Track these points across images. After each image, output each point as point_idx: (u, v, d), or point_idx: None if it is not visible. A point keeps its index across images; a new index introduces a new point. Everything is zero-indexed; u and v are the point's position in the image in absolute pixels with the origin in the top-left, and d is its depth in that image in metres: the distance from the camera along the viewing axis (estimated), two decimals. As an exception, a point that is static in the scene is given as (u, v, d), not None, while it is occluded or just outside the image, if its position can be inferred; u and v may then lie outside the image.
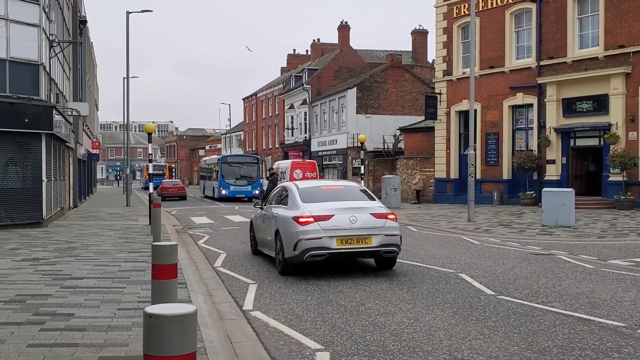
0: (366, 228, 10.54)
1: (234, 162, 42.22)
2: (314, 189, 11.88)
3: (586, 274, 10.63)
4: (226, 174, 40.84)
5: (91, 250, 13.28)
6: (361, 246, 10.50)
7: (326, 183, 12.99)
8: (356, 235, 10.45)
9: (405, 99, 47.62)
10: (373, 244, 10.53)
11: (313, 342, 6.46)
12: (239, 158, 44.62)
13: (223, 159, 42.38)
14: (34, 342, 6.05)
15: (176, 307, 2.95)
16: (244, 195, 40.49)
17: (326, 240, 10.33)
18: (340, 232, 10.38)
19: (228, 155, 48.36)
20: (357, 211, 10.67)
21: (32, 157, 18.79)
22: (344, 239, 10.39)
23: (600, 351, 6.07)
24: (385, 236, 10.66)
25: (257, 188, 40.44)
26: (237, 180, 40.55)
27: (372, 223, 10.62)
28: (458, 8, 33.02)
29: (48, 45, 20.64)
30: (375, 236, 10.56)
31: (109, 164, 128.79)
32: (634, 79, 25.11)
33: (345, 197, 11.46)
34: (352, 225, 10.46)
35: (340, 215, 10.51)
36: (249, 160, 43.24)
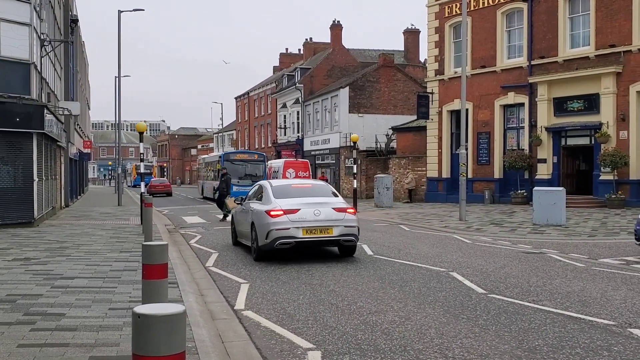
0: (328, 220, 12.11)
1: (238, 160, 38.85)
2: (285, 187, 13.62)
3: (577, 272, 10.69)
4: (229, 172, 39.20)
5: (82, 250, 13.23)
6: (324, 236, 12.11)
7: (296, 182, 15.22)
8: (319, 226, 12.04)
9: (398, 99, 47.68)
10: (334, 234, 12.12)
11: (305, 342, 6.46)
12: (243, 155, 40.85)
13: (225, 156, 39.09)
14: (25, 342, 6.03)
15: (165, 307, 2.95)
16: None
17: (293, 230, 11.95)
18: (305, 223, 11.98)
19: (231, 152, 44.20)
20: (320, 206, 12.29)
21: (23, 156, 18.70)
22: (308, 230, 11.99)
23: (590, 349, 6.10)
24: (345, 227, 12.22)
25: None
26: (241, 180, 36.69)
27: (334, 216, 12.20)
28: (450, 7, 33.10)
29: (39, 44, 20.55)
30: (336, 227, 12.13)
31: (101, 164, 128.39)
32: (624, 78, 25.25)
33: (312, 193, 13.07)
34: (316, 218, 12.07)
35: (305, 209, 12.12)
36: (253, 157, 39.96)
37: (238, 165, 38.10)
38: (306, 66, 58.31)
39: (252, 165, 38.67)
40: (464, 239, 16.21)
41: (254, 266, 11.75)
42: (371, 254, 13.21)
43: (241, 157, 39.60)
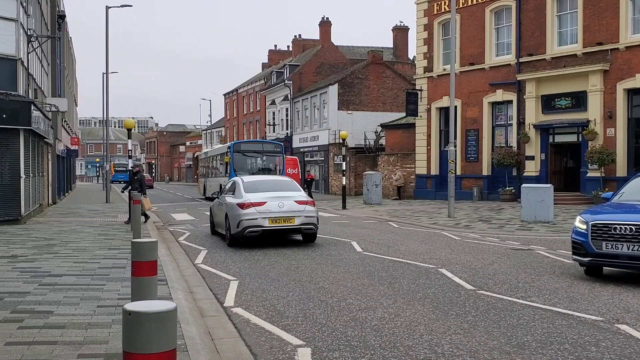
0: (291, 211, 13.98)
1: (250, 151, 33.16)
2: (255, 182, 15.49)
3: (565, 268, 10.76)
4: (239, 167, 31.66)
5: (70, 247, 13.16)
6: (287, 225, 14.00)
7: (265, 178, 17.94)
8: (283, 217, 13.91)
9: (387, 96, 47.74)
10: (296, 223, 14.01)
11: (294, 338, 6.46)
12: (256, 145, 35.10)
13: (235, 147, 33.01)
14: (12, 340, 5.99)
15: (156, 304, 2.94)
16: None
17: (260, 220, 13.81)
18: (271, 214, 13.85)
19: (242, 142, 38.26)
20: (284, 199, 14.14)
21: (9, 153, 18.54)
22: (273, 219, 13.86)
23: (578, 345, 6.15)
24: (305, 217, 14.10)
25: None
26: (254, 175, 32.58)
27: (295, 208, 14.06)
28: (438, 5, 33.15)
29: (26, 40, 20.37)
30: (297, 217, 14.00)
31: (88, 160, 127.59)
32: (611, 75, 25.41)
33: (277, 188, 14.98)
34: (280, 210, 13.95)
35: (271, 202, 13.99)
36: (269, 147, 33.97)
37: (250, 158, 32.78)
38: (295, 63, 58.23)
39: (268, 158, 33.20)
40: (453, 235, 16.27)
41: (243, 263, 11.73)
42: (360, 251, 13.23)
43: (254, 148, 33.78)
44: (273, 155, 33.19)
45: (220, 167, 35.23)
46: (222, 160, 34.34)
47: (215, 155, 38.65)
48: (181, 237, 16.57)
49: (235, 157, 31.90)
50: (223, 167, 34.07)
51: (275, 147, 33.96)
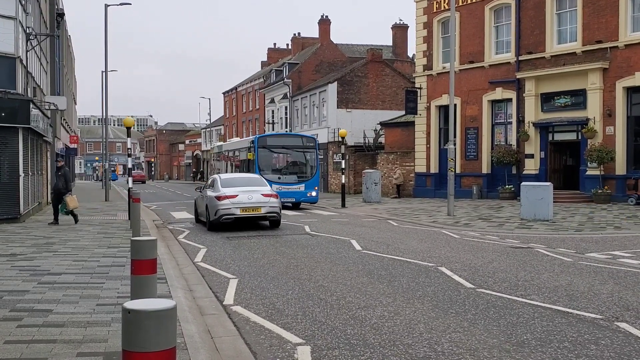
0: (258, 202, 17.21)
1: (278, 146, 28.26)
2: (230, 179, 19.07)
3: (564, 267, 10.75)
4: (265, 165, 27.17)
5: (69, 246, 13.14)
6: (255, 213, 17.22)
7: (238, 175, 21.77)
8: (251, 207, 17.15)
9: (386, 94, 47.72)
10: (262, 212, 17.25)
11: (294, 336, 6.46)
12: (285, 139, 30.19)
13: (261, 141, 27.79)
14: (12, 338, 5.98)
15: (155, 302, 2.93)
16: (294, 198, 26.40)
17: (233, 209, 17.01)
18: (242, 205, 17.08)
19: (268, 135, 32.60)
20: (253, 192, 17.41)
21: (8, 151, 18.52)
22: (244, 209, 17.10)
23: (578, 343, 6.14)
24: (270, 207, 17.32)
25: (313, 187, 27.00)
26: (283, 175, 27.08)
27: (262, 199, 17.32)
28: (438, 3, 33.12)
29: (25, 38, 20.34)
30: (263, 207, 17.23)
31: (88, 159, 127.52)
32: (610, 74, 25.41)
33: (248, 184, 18.27)
34: (249, 201, 17.18)
35: (242, 195, 17.22)
36: (300, 142, 28.82)
37: (277, 154, 28.33)
38: (294, 61, 58.20)
39: (298, 154, 28.44)
40: (452, 234, 16.27)
41: (243, 262, 11.73)
42: (360, 249, 13.22)
43: (282, 143, 28.85)
44: (304, 151, 28.27)
45: (241, 165, 30.41)
46: (243, 156, 29.59)
47: (232, 150, 33.40)
48: (180, 235, 16.56)
49: (261, 154, 27.01)
50: (244, 165, 29.41)
51: (307, 141, 28.61)
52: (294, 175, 27.29)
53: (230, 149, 33.89)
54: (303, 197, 26.53)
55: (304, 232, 16.89)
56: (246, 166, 28.76)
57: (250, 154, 27.41)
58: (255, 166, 26.73)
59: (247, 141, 29.77)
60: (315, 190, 26.85)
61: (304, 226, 18.44)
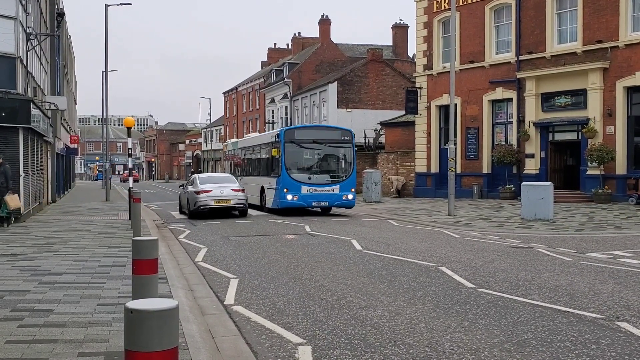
0: (228, 196, 21.57)
1: (308, 141, 23.84)
2: (207, 177, 24.18)
3: (565, 266, 10.75)
4: (293, 163, 23.32)
5: (70, 246, 13.15)
6: (225, 204, 21.48)
7: (213, 175, 27.19)
8: (223, 199, 21.44)
9: (386, 94, 47.72)
10: (231, 203, 21.59)
11: (295, 336, 6.46)
12: (317, 132, 25.57)
13: (288, 135, 23.51)
14: (13, 338, 5.98)
15: (158, 302, 2.93)
16: (327, 202, 22.90)
17: (208, 201, 21.29)
18: (215, 197, 21.36)
19: (297, 128, 28.37)
20: (224, 188, 21.83)
21: (9, 151, 18.53)
22: (217, 201, 21.34)
23: (578, 342, 6.14)
24: (238, 199, 21.67)
25: (350, 189, 23.06)
26: (315, 176, 23.18)
27: (232, 193, 21.69)
28: (438, 3, 33.12)
29: (25, 38, 20.35)
30: (232, 199, 21.59)
31: (88, 159, 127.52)
32: (611, 74, 25.40)
33: (221, 181, 22.91)
34: (221, 195, 21.48)
35: (216, 189, 21.57)
36: (335, 135, 24.48)
37: (308, 149, 23.81)
38: (294, 61, 58.20)
39: (332, 150, 24.18)
40: (453, 233, 16.26)
41: (243, 261, 11.73)
42: (360, 249, 13.22)
43: (314, 136, 24.24)
44: (340, 146, 23.95)
45: (263, 163, 26.38)
46: (265, 153, 25.85)
47: (251, 147, 29.16)
48: (181, 235, 16.56)
49: (288, 150, 23.06)
50: (266, 163, 25.40)
51: (343, 134, 24.20)
52: (326, 174, 23.42)
53: (248, 146, 29.80)
54: (338, 201, 22.86)
55: (304, 232, 16.89)
56: (269, 165, 24.91)
57: (275, 150, 23.56)
58: (282, 165, 22.86)
59: (270, 135, 25.84)
60: (352, 192, 23.02)
61: (304, 226, 18.45)
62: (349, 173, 23.42)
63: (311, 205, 22.96)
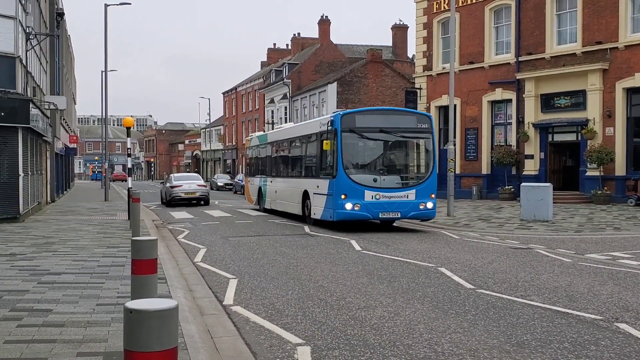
0: (194, 189, 29.67)
1: (374, 129, 17.77)
2: (179, 176, 33.14)
3: (564, 267, 10.75)
4: (351, 160, 17.82)
5: (69, 246, 13.14)
6: (192, 196, 29.42)
7: (184, 174, 36.27)
8: (190, 192, 29.52)
9: (386, 94, 47.74)
10: (197, 195, 29.49)
11: (294, 337, 6.46)
12: (384, 118, 18.42)
13: (346, 121, 17.56)
14: (11, 338, 5.97)
15: (157, 302, 2.93)
16: (399, 212, 17.21)
17: (180, 194, 29.35)
18: (185, 190, 29.48)
19: (358, 112, 19.74)
20: (192, 184, 30.00)
21: (8, 151, 18.52)
22: (186, 193, 29.43)
23: (578, 344, 6.14)
24: (201, 192, 29.68)
25: (429, 194, 17.55)
26: (382, 177, 17.43)
27: (197, 188, 29.84)
28: (438, 3, 33.14)
29: (24, 38, 20.34)
30: (197, 192, 29.64)
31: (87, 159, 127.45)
32: (610, 75, 25.42)
33: (190, 179, 31.46)
34: (189, 188, 29.51)
35: (185, 185, 29.76)
36: (409, 122, 18.32)
37: (372, 140, 17.91)
38: (294, 61, 58.21)
39: (406, 142, 18.34)
40: (452, 234, 16.26)
41: (243, 262, 11.72)
42: (359, 250, 13.23)
43: (381, 123, 17.82)
44: (416, 136, 18.11)
45: (306, 160, 20.30)
46: (312, 147, 19.65)
47: (289, 140, 22.55)
48: (180, 235, 16.55)
49: (346, 142, 17.29)
50: (312, 160, 19.42)
51: (419, 120, 18.15)
52: (398, 175, 17.94)
53: (283, 139, 23.31)
54: (414, 211, 17.22)
55: (303, 232, 16.89)
56: (316, 162, 18.91)
57: (327, 142, 17.42)
58: (338, 162, 16.99)
59: (317, 124, 19.40)
60: (431, 199, 17.48)
61: (303, 226, 18.44)
62: (429, 173, 17.71)
63: (378, 216, 17.02)
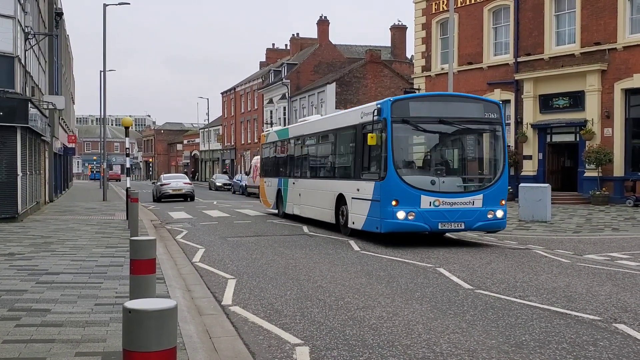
0: (181, 187, 35.02)
1: (431, 119, 14.29)
2: (168, 176, 39.01)
3: (562, 268, 10.76)
4: (404, 158, 14.75)
5: (67, 245, 13.13)
6: (179, 192, 34.76)
7: (172, 174, 43.06)
8: (177, 189, 34.86)
9: (384, 95, 47.64)
10: (182, 192, 34.84)
11: (292, 337, 6.46)
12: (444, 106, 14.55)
13: (397, 109, 13.84)
14: (10, 338, 5.97)
15: (156, 302, 2.93)
16: (463, 223, 13.83)
17: (168, 190, 34.66)
18: (172, 188, 34.82)
19: (412, 98, 15.50)
20: (179, 182, 35.57)
21: (7, 151, 18.50)
22: (174, 190, 34.75)
23: (576, 344, 6.15)
24: (187, 189, 35.03)
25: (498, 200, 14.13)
26: (442, 178, 14.09)
27: (183, 186, 35.22)
28: (437, 4, 33.15)
29: (23, 38, 20.32)
30: (183, 189, 34.97)
31: (85, 158, 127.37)
32: (609, 75, 25.43)
33: (177, 178, 37.21)
34: (176, 186, 34.91)
35: (173, 183, 35.26)
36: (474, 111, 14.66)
37: (429, 133, 14.70)
38: (293, 62, 58.21)
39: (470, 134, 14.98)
40: (451, 234, 16.26)
41: (241, 262, 11.72)
42: (358, 250, 13.23)
43: (441, 112, 14.35)
44: (482, 128, 14.74)
45: (342, 158, 17.24)
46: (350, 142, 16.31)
47: (318, 134, 19.18)
48: (179, 235, 16.54)
49: (398, 134, 13.96)
50: (352, 159, 15.92)
51: (486, 108, 14.53)
52: (459, 176, 14.76)
53: (310, 133, 19.78)
54: (481, 221, 13.88)
55: (302, 233, 16.89)
56: (356, 160, 15.52)
57: (373, 135, 13.82)
58: (388, 160, 13.60)
59: (358, 114, 15.61)
60: (501, 206, 14.17)
61: (302, 226, 18.45)
62: (498, 174, 14.32)
63: (436, 228, 13.72)
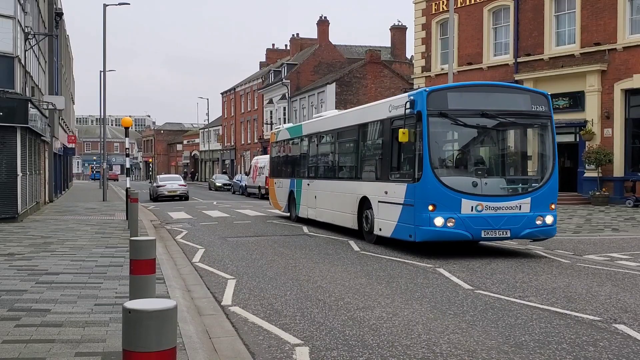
0: (176, 188, 36.55)
1: (472, 112, 12.24)
2: (164, 177, 40.39)
3: (562, 268, 10.76)
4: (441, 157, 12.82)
5: (67, 246, 13.12)
6: (175, 194, 36.27)
7: (168, 175, 46.59)
8: (172, 190, 36.42)
9: (384, 95, 47.67)
10: (177, 193, 36.33)
11: (292, 337, 6.45)
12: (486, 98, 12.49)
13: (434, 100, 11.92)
14: (9, 338, 5.97)
15: (156, 302, 2.93)
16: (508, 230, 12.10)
17: (164, 191, 36.31)
18: (168, 189, 36.48)
19: (450, 88, 13.06)
20: (174, 183, 37.31)
21: (6, 151, 18.50)
22: (169, 191, 36.36)
23: (576, 345, 6.15)
24: (181, 191, 36.51)
25: (548, 205, 12.35)
26: (484, 179, 12.20)
27: (178, 187, 36.78)
28: (437, 4, 33.17)
29: (23, 38, 20.32)
30: (178, 190, 36.46)
31: (85, 158, 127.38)
32: (609, 76, 25.45)
33: (172, 179, 39.16)
34: (172, 187, 36.61)
35: (168, 184, 36.99)
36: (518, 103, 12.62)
37: (470, 127, 12.63)
38: (293, 62, 58.22)
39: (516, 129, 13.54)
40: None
41: (241, 262, 11.72)
42: (358, 250, 13.23)
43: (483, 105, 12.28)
44: (530, 123, 13.13)
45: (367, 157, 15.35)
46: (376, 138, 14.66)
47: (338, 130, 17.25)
48: (178, 235, 16.54)
49: (435, 130, 12.29)
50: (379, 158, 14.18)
51: (534, 101, 12.67)
52: (503, 177, 13.07)
53: (328, 130, 18.13)
54: (529, 228, 12.27)
55: (302, 233, 16.89)
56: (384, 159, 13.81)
57: (405, 131, 12.02)
58: (424, 158, 11.91)
59: (386, 106, 13.85)
60: (551, 210, 12.53)
61: (302, 227, 18.44)
62: (547, 174, 12.75)
63: (479, 236, 12.10)
